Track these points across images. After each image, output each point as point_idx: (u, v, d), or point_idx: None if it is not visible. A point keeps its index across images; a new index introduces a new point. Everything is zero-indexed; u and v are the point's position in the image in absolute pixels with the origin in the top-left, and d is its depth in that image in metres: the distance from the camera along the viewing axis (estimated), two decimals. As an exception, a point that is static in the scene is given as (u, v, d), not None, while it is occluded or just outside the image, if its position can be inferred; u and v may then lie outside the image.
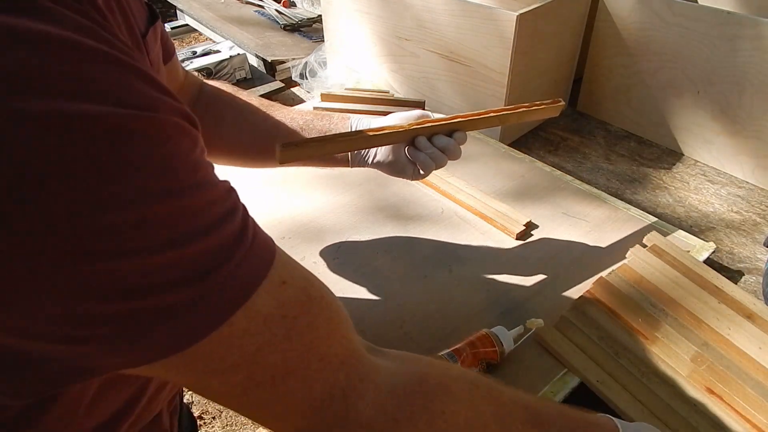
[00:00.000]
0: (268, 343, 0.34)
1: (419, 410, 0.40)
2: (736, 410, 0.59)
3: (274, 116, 0.68)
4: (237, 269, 0.32)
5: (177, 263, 0.29)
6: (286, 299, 0.35)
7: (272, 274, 0.34)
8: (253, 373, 0.34)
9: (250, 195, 0.93)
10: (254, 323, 0.33)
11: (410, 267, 0.79)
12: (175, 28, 1.92)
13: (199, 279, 0.30)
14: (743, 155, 1.01)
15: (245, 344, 0.33)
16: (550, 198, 0.92)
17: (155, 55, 0.49)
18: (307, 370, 0.36)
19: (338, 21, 1.31)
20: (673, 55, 1.03)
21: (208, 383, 0.34)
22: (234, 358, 0.33)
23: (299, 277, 0.37)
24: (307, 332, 0.36)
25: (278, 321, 0.34)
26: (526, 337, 0.66)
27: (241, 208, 0.34)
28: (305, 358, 0.36)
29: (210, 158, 0.66)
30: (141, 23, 0.46)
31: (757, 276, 0.82)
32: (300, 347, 0.35)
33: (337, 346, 0.38)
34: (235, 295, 0.32)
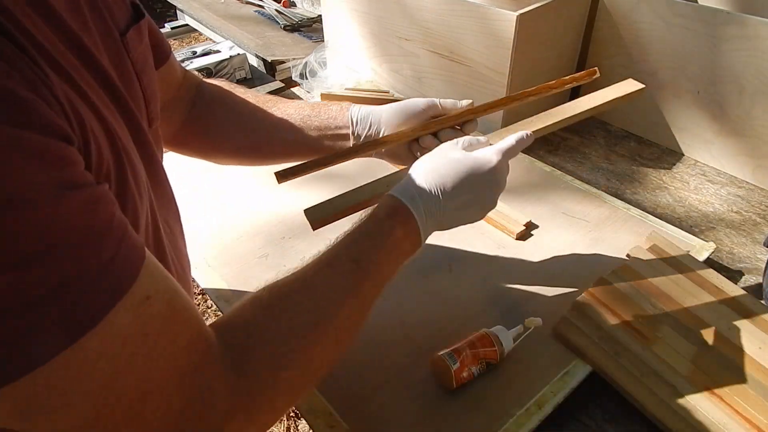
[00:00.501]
0: (127, 365, 0.31)
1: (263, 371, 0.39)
2: (736, 410, 0.59)
3: (274, 114, 0.68)
4: (92, 289, 0.29)
5: (11, 288, 0.27)
6: (150, 316, 0.33)
7: (135, 290, 0.31)
8: (107, 399, 0.31)
9: (250, 195, 0.92)
10: (112, 344, 0.30)
11: (410, 267, 0.79)
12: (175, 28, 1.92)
13: (39, 302, 0.27)
14: (743, 155, 1.01)
15: (100, 369, 0.30)
16: (550, 198, 0.92)
17: (139, 54, 0.48)
18: (167, 387, 0.34)
19: (338, 21, 1.31)
20: (673, 55, 1.03)
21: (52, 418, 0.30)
22: (85, 386, 0.30)
23: (164, 289, 0.35)
24: (169, 347, 0.34)
25: (139, 340, 0.32)
26: (524, 336, 0.66)
27: (107, 219, 0.32)
28: (166, 375, 0.34)
29: (214, 160, 0.66)
30: (121, 22, 0.46)
31: (757, 276, 0.82)
32: (161, 363, 0.33)
33: (192, 352, 0.36)
34: (86, 316, 0.29)
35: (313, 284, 0.45)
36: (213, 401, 0.36)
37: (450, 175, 0.54)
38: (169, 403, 0.34)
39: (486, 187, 0.56)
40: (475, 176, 0.54)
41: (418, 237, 0.53)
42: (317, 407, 0.61)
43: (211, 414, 0.36)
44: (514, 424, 0.59)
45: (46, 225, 0.28)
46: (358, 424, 0.59)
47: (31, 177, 0.28)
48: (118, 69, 0.43)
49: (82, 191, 0.31)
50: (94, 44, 0.40)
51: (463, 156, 0.56)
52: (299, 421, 1.60)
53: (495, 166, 0.55)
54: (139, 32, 0.49)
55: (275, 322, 0.42)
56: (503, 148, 0.57)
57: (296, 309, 0.43)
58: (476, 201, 0.56)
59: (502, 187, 0.58)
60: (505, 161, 0.57)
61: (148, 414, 0.34)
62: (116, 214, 0.33)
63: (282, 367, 0.40)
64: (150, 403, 0.33)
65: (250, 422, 0.39)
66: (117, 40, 0.44)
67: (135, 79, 0.46)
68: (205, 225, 0.86)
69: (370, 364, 0.65)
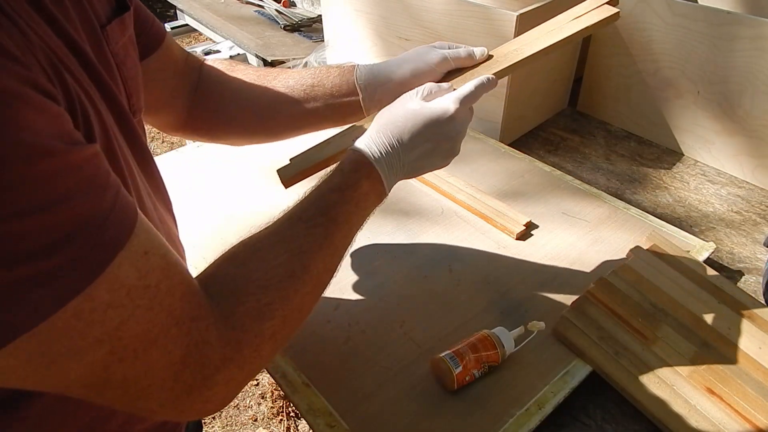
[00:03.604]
0: (131, 315, 0.34)
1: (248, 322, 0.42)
2: (736, 410, 0.59)
3: (275, 88, 0.67)
4: (94, 239, 0.31)
5: (23, 236, 0.28)
6: (149, 269, 0.35)
7: (133, 243, 0.34)
8: (116, 347, 0.34)
9: (250, 194, 0.92)
10: (117, 296, 0.33)
11: (410, 267, 0.79)
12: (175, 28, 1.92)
13: (45, 252, 0.29)
14: (743, 155, 1.01)
15: (108, 318, 0.33)
16: (550, 198, 0.92)
17: (120, 47, 0.48)
18: (167, 336, 0.36)
19: (338, 21, 1.31)
20: (673, 55, 1.03)
21: (66, 368, 0.33)
22: (96, 334, 0.32)
23: (159, 244, 0.37)
24: (167, 298, 0.36)
25: (141, 291, 0.34)
26: (528, 340, 0.65)
27: (102, 175, 0.33)
28: (165, 325, 0.36)
29: (227, 142, 0.67)
30: (102, 14, 0.46)
31: (757, 276, 0.82)
32: (161, 315, 0.36)
33: (187, 303, 0.38)
34: (92, 265, 0.31)
35: (286, 238, 0.47)
36: (208, 351, 0.39)
37: (407, 127, 0.54)
38: (170, 352, 0.37)
39: (444, 136, 0.56)
40: (432, 126, 0.55)
41: (383, 188, 0.54)
42: (317, 407, 0.61)
43: (207, 362, 0.39)
44: (514, 424, 0.59)
45: (59, 174, 0.30)
46: (358, 424, 0.59)
47: (42, 129, 0.29)
48: (99, 60, 0.43)
49: (82, 146, 0.32)
50: (76, 32, 0.40)
51: (419, 106, 0.56)
52: (299, 421, 1.60)
53: (452, 115, 0.55)
54: (122, 25, 0.49)
55: (254, 276, 0.44)
56: (461, 96, 0.57)
57: (272, 262, 0.45)
58: (436, 150, 0.56)
59: (462, 134, 0.58)
60: (464, 108, 0.57)
61: (153, 362, 0.36)
62: (111, 171, 0.34)
63: (266, 317, 0.43)
64: (154, 351, 0.36)
65: (240, 370, 0.41)
66: (97, 30, 0.44)
67: (116, 71, 0.47)
68: (205, 225, 0.86)
69: (370, 364, 0.65)
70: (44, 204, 0.29)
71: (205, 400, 0.40)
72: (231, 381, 0.41)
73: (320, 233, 0.48)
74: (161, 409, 0.39)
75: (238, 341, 0.41)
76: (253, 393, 1.68)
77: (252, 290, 0.43)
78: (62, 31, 0.38)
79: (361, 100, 0.64)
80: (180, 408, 0.39)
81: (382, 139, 0.54)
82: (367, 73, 0.64)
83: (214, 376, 0.39)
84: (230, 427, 1.60)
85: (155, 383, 0.37)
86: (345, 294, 0.74)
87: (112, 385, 0.35)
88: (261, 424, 1.59)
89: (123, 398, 0.37)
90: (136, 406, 0.38)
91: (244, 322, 0.42)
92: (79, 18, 0.42)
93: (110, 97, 0.43)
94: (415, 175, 0.58)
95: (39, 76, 0.31)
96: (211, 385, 0.39)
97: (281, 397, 1.64)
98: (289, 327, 0.46)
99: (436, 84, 0.59)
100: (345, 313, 0.72)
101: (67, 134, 0.32)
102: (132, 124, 0.46)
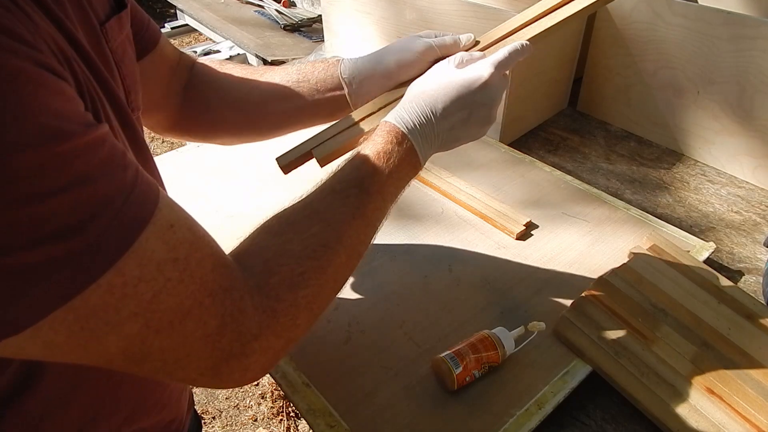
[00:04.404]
0: (163, 288, 0.34)
1: (283, 291, 0.42)
2: (736, 410, 0.59)
3: (261, 86, 0.66)
4: (119, 215, 0.32)
5: (49, 216, 0.29)
6: (176, 242, 0.36)
7: (158, 218, 0.34)
8: (151, 320, 0.34)
9: (250, 194, 0.92)
10: (147, 270, 0.33)
11: (410, 267, 0.79)
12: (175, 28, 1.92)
13: (73, 230, 0.30)
14: (743, 155, 1.01)
15: (140, 292, 0.33)
16: (550, 198, 0.92)
17: (119, 44, 0.48)
18: (201, 307, 0.37)
19: (338, 21, 1.31)
20: (673, 55, 1.03)
21: (105, 341, 0.34)
22: (130, 308, 0.33)
23: (184, 218, 0.38)
24: (198, 270, 0.37)
25: (171, 264, 0.35)
26: (528, 341, 0.65)
27: (119, 154, 0.34)
28: (198, 297, 0.37)
29: (218, 142, 0.68)
30: (100, 12, 0.46)
31: (757, 276, 0.82)
32: (193, 287, 0.36)
33: (219, 275, 0.39)
34: (119, 241, 0.32)
35: (320, 209, 0.48)
36: (243, 319, 0.39)
37: (440, 95, 0.54)
38: (205, 322, 0.37)
39: (479, 103, 0.55)
40: (466, 93, 0.54)
41: (417, 159, 0.54)
42: (317, 407, 0.61)
43: (244, 331, 0.39)
44: (514, 424, 0.59)
45: (79, 154, 0.30)
46: (358, 424, 0.59)
47: (59, 111, 0.30)
48: (98, 57, 0.44)
49: (96, 126, 0.33)
50: (74, 28, 0.40)
51: (453, 74, 0.55)
52: (299, 421, 1.60)
53: (487, 81, 0.54)
54: (120, 23, 0.49)
55: (288, 247, 0.45)
56: (495, 61, 0.55)
57: (306, 233, 0.45)
58: (471, 118, 0.55)
59: (497, 101, 0.56)
60: (498, 74, 0.55)
61: (189, 333, 0.37)
62: (127, 149, 0.35)
63: (300, 286, 0.43)
64: (189, 322, 0.36)
65: (277, 337, 0.42)
66: (96, 28, 0.45)
67: (115, 68, 0.47)
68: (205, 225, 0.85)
69: (370, 364, 0.65)
70: (67, 184, 0.29)
71: (244, 368, 0.40)
72: (269, 349, 0.42)
73: (353, 203, 0.48)
74: (201, 377, 0.40)
75: (273, 310, 0.41)
76: (253, 393, 1.68)
77: (285, 260, 0.44)
78: (62, 27, 0.38)
79: (347, 94, 0.64)
80: (220, 376, 0.40)
81: (415, 109, 0.53)
82: (351, 66, 0.64)
83: (252, 344, 0.40)
84: (230, 427, 1.60)
85: (193, 353, 0.38)
86: (345, 294, 0.74)
87: (152, 357, 0.36)
88: (261, 424, 1.59)
89: (163, 368, 0.38)
90: (177, 376, 0.39)
91: (279, 292, 0.42)
92: (77, 15, 0.42)
93: (110, 94, 0.43)
94: (452, 145, 0.57)
95: (51, 60, 0.32)
96: (249, 353, 0.40)
97: (281, 397, 1.64)
98: (325, 297, 0.47)
99: (467, 52, 0.58)
100: (345, 313, 0.72)
101: (82, 115, 0.32)
102: (131, 121, 0.46)
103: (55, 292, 0.30)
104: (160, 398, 0.53)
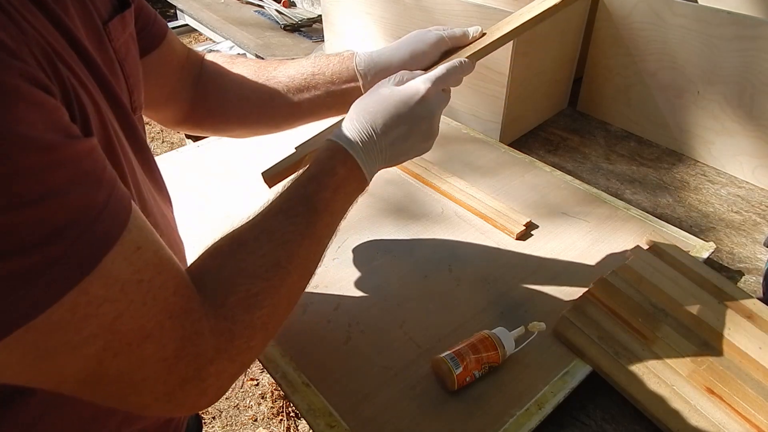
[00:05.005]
0: (126, 309, 0.34)
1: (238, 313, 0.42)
2: (736, 410, 0.59)
3: (275, 78, 0.67)
4: (88, 233, 0.31)
5: (17, 228, 0.29)
6: (142, 264, 0.35)
7: (126, 239, 0.34)
8: (111, 341, 0.34)
9: (250, 194, 0.92)
10: (111, 290, 0.33)
11: (410, 267, 0.79)
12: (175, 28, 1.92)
13: (39, 245, 0.29)
14: (743, 155, 1.01)
15: (103, 312, 0.33)
16: (550, 198, 0.92)
17: (122, 43, 0.48)
18: (161, 329, 0.37)
19: (339, 21, 1.31)
20: (673, 55, 1.03)
21: (61, 362, 0.33)
22: (91, 328, 0.33)
23: (152, 240, 0.38)
24: (161, 293, 0.37)
25: (135, 286, 0.35)
26: (528, 341, 0.65)
27: (98, 170, 0.34)
28: (159, 319, 0.37)
29: (230, 135, 0.68)
30: (103, 11, 0.46)
31: (757, 276, 0.82)
32: (155, 309, 0.36)
33: (179, 297, 0.39)
34: (86, 258, 0.32)
35: (269, 229, 0.48)
36: (200, 342, 0.39)
37: (379, 111, 0.54)
38: (164, 345, 0.37)
39: (418, 117, 0.55)
40: (404, 108, 0.55)
41: (362, 175, 0.54)
42: (317, 407, 0.61)
43: (200, 354, 0.39)
44: (514, 424, 0.59)
45: (54, 167, 0.30)
46: (358, 424, 0.59)
47: (37, 123, 0.30)
48: (100, 56, 0.43)
49: (79, 139, 0.32)
50: (75, 27, 0.40)
51: (390, 90, 0.56)
52: (299, 421, 1.60)
53: (424, 95, 0.55)
54: (123, 22, 0.49)
55: (242, 266, 0.45)
56: (433, 76, 0.57)
57: (257, 253, 0.46)
58: (412, 132, 0.56)
59: (437, 116, 0.57)
60: (435, 89, 0.56)
61: (147, 356, 0.36)
62: (107, 165, 0.35)
63: (255, 307, 0.43)
64: (148, 345, 0.36)
65: (232, 361, 0.42)
66: (99, 28, 0.45)
67: (118, 67, 0.47)
68: (204, 225, 0.86)
69: (370, 364, 0.65)
70: (38, 197, 0.29)
71: (199, 393, 0.40)
72: (224, 373, 0.42)
73: (301, 222, 0.49)
74: (156, 403, 0.39)
75: (230, 332, 0.41)
76: (253, 393, 1.68)
77: (241, 281, 0.44)
78: (61, 26, 0.38)
79: (362, 86, 0.64)
80: (174, 402, 0.40)
81: (355, 125, 0.54)
82: (366, 59, 0.64)
83: (207, 367, 0.40)
84: (230, 427, 1.60)
85: (150, 377, 0.37)
86: (345, 294, 0.74)
87: (107, 381, 0.36)
88: (261, 424, 1.59)
89: (117, 394, 0.38)
90: (131, 402, 0.39)
91: (235, 313, 0.42)
92: (79, 14, 0.42)
93: (111, 93, 0.43)
94: (397, 160, 0.58)
95: (35, 70, 0.31)
96: (204, 377, 0.40)
97: (281, 397, 1.64)
98: (279, 316, 0.47)
99: (409, 72, 0.59)
100: (345, 313, 0.72)
101: (63, 128, 0.32)
102: (132, 120, 0.46)
103: (17, 311, 0.29)
104: None
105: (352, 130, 0.54)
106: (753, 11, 1.08)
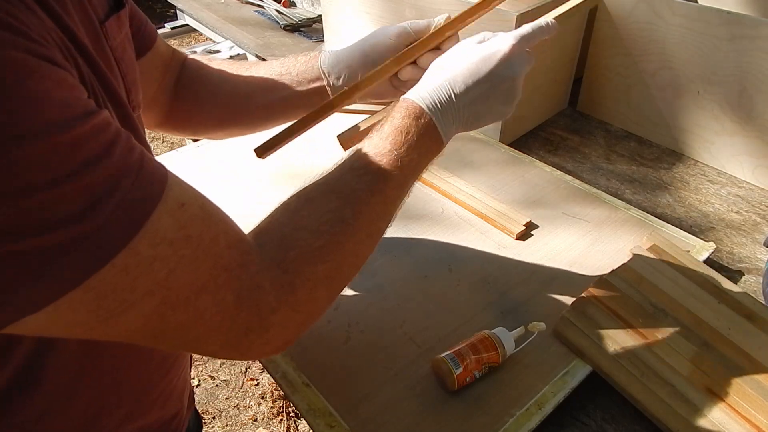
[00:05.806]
0: (177, 265, 0.35)
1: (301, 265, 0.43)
2: (736, 410, 0.59)
3: (245, 79, 0.67)
4: (129, 197, 0.32)
5: (59, 201, 0.29)
6: (188, 219, 0.36)
7: (168, 197, 0.35)
8: (167, 297, 0.35)
9: (250, 194, 0.93)
10: (160, 248, 0.34)
11: (410, 267, 0.79)
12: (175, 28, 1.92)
13: (83, 213, 0.30)
14: (743, 155, 1.01)
15: (155, 270, 0.34)
16: (550, 198, 0.92)
17: (119, 43, 0.49)
18: (216, 282, 0.37)
19: (338, 21, 1.31)
20: (673, 55, 1.03)
21: (125, 318, 0.34)
22: (146, 286, 0.34)
23: (195, 196, 0.38)
24: (212, 247, 0.37)
25: (183, 242, 0.35)
26: (528, 341, 0.65)
27: (125, 137, 0.34)
28: (213, 272, 0.37)
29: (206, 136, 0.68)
30: (100, 10, 0.46)
31: (757, 276, 0.82)
32: (207, 263, 0.37)
33: (234, 251, 0.39)
34: (130, 221, 0.32)
35: (337, 187, 0.48)
36: (260, 294, 0.40)
37: (459, 69, 0.53)
38: (222, 297, 0.38)
39: (500, 76, 0.53)
40: (486, 65, 0.52)
41: (438, 135, 0.52)
42: (317, 407, 0.61)
43: (262, 305, 0.40)
44: (514, 424, 0.59)
45: (85, 140, 0.31)
46: (358, 424, 0.59)
47: (62, 100, 0.30)
48: (99, 55, 0.44)
49: (100, 111, 0.33)
50: (76, 27, 0.40)
51: (473, 48, 0.54)
52: (299, 421, 1.60)
53: (507, 54, 0.53)
54: (119, 21, 0.49)
55: (305, 222, 0.45)
56: (518, 34, 0.54)
57: (323, 209, 0.46)
58: (493, 92, 0.53)
59: (521, 76, 0.55)
60: (520, 47, 0.54)
61: (205, 309, 0.37)
62: (128, 132, 0.35)
63: (318, 260, 0.44)
64: (205, 298, 0.37)
65: (296, 312, 0.42)
66: (96, 26, 0.45)
67: (115, 66, 0.47)
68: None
69: (370, 364, 0.65)
70: (72, 171, 0.30)
71: (264, 342, 0.41)
72: (288, 323, 0.42)
73: (371, 180, 0.48)
74: (222, 350, 0.41)
75: (291, 284, 0.42)
76: (253, 393, 1.68)
77: (303, 235, 0.44)
78: (61, 23, 0.38)
79: (326, 85, 0.64)
80: (241, 350, 0.41)
81: (433, 84, 0.52)
82: (331, 58, 0.64)
83: (270, 317, 0.40)
84: (230, 427, 1.60)
85: (212, 327, 0.38)
86: (345, 294, 0.74)
87: (171, 333, 0.37)
88: (261, 424, 1.59)
89: (184, 343, 0.39)
90: (200, 349, 0.40)
91: (297, 266, 0.43)
92: (78, 12, 0.42)
93: (111, 92, 0.43)
94: (476, 123, 0.55)
95: (54, 51, 0.32)
96: (268, 327, 0.41)
97: (281, 397, 1.64)
98: (344, 273, 0.47)
99: (491, 33, 0.57)
100: (345, 313, 0.72)
101: (84, 103, 0.33)
102: (133, 119, 0.47)
103: (70, 274, 0.31)
104: (162, 393, 0.53)
105: (427, 88, 0.52)
106: (753, 11, 1.08)
